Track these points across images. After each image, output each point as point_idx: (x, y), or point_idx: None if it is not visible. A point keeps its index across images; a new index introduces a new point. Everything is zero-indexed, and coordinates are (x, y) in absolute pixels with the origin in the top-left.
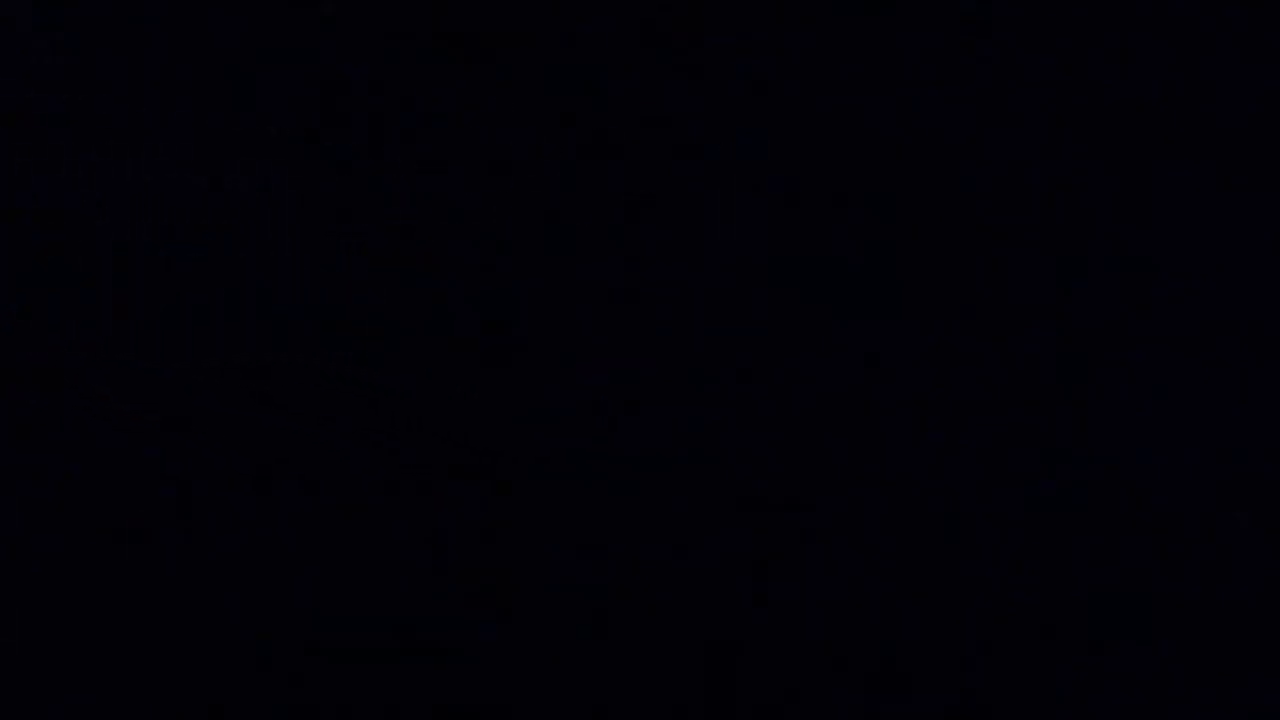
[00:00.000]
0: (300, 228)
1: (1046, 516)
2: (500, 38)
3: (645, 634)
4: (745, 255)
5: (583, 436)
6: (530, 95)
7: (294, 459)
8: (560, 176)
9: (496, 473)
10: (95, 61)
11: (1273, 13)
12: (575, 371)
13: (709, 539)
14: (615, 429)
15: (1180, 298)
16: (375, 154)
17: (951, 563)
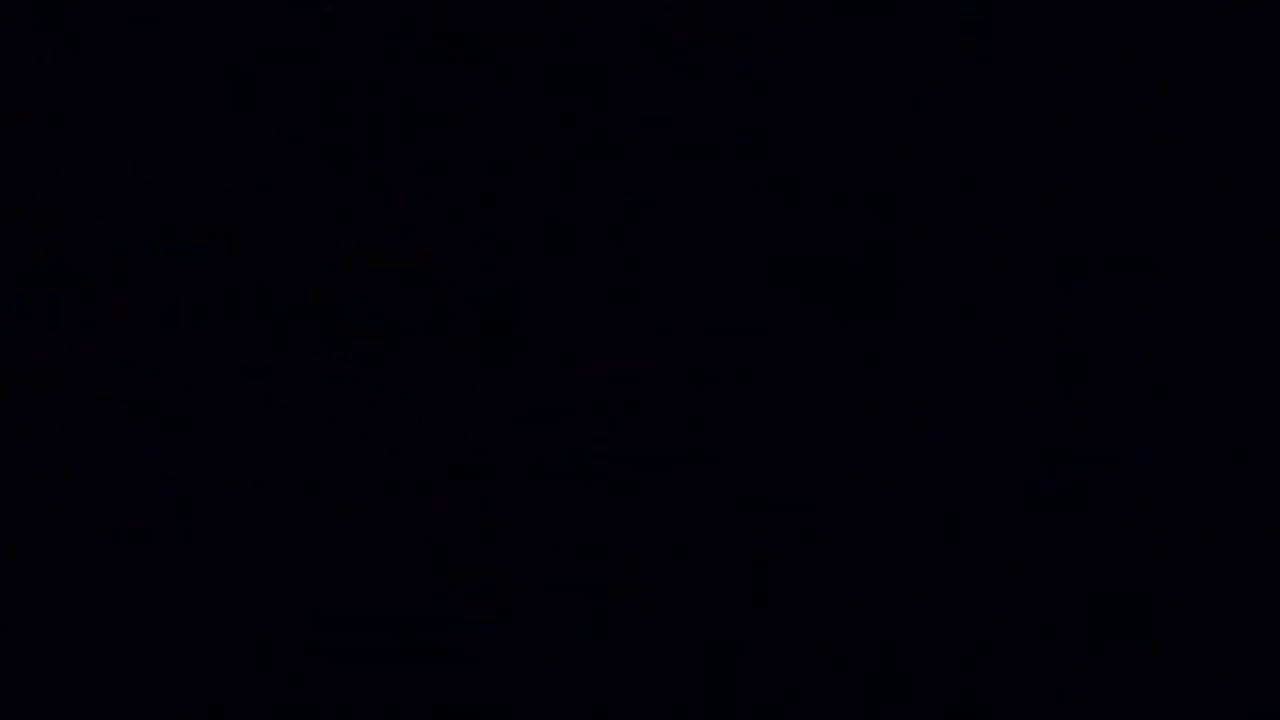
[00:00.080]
0: (300, 228)
1: (1046, 516)
2: (500, 38)
3: (645, 634)
4: (745, 255)
5: (583, 436)
6: (530, 95)
7: (294, 459)
8: (560, 176)
9: (496, 473)
10: (95, 61)
11: (1273, 13)
12: (575, 371)
13: (709, 539)
14: (615, 429)
15: (1180, 298)
16: (375, 154)
17: (951, 563)
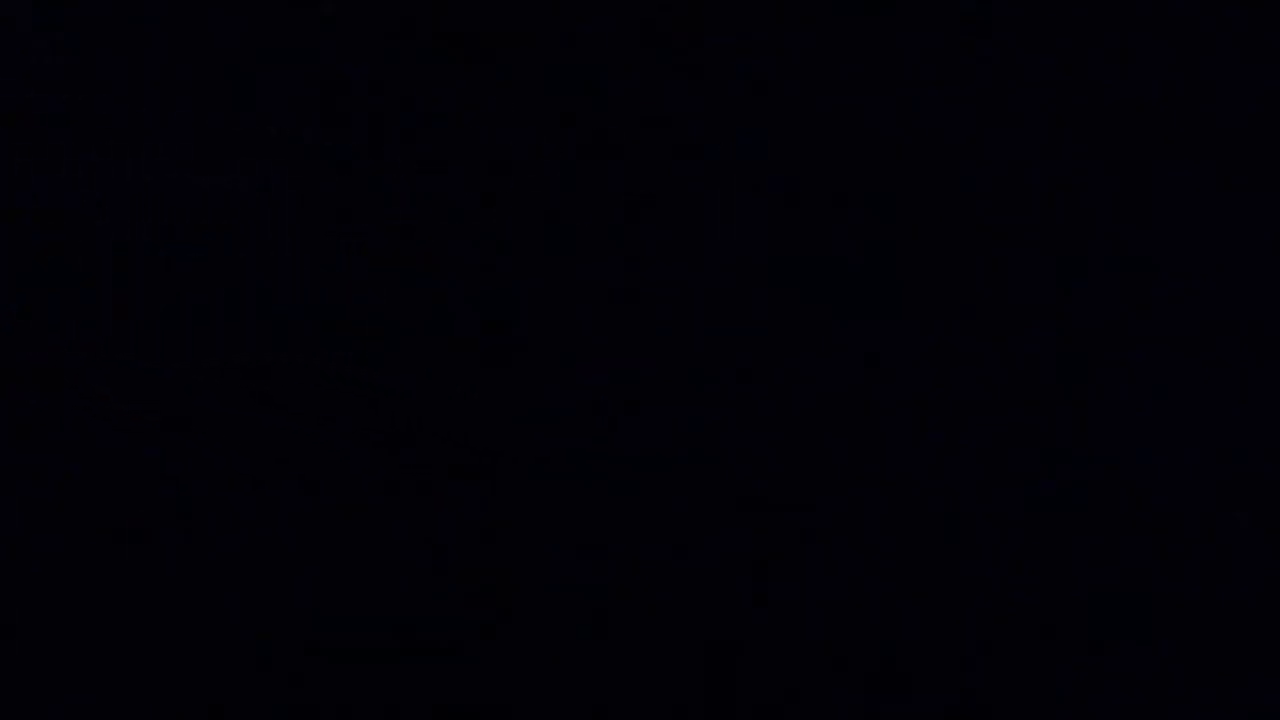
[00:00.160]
0: (300, 228)
1: (1046, 516)
2: (500, 38)
3: (645, 634)
4: (745, 255)
5: (583, 436)
6: (530, 95)
7: (294, 459)
8: (560, 176)
9: (496, 473)
10: (95, 61)
11: (1273, 13)
12: (575, 371)
13: (709, 539)
14: (615, 429)
15: (1180, 298)
16: (375, 154)
17: (951, 563)
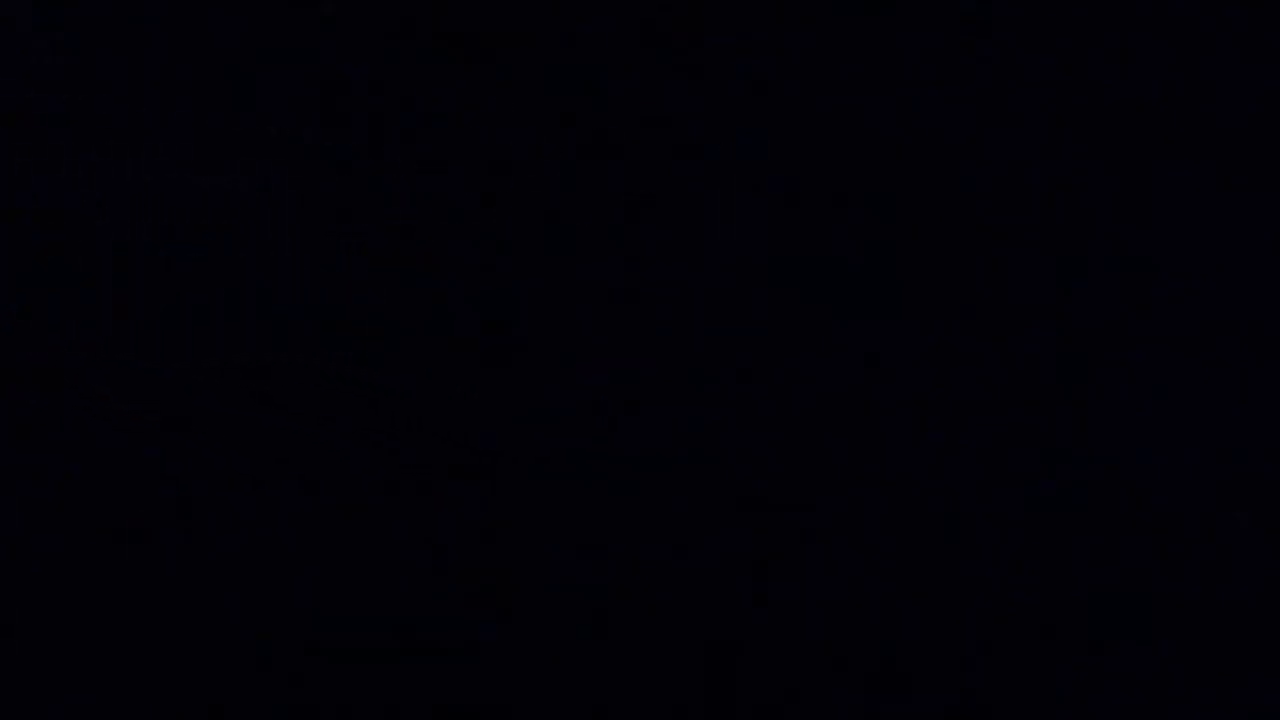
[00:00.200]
0: (300, 228)
1: (1046, 516)
2: (500, 38)
3: (645, 634)
4: (745, 255)
5: (583, 436)
6: (530, 95)
7: (294, 459)
8: (560, 176)
9: (496, 473)
10: (95, 61)
11: (1273, 13)
12: (575, 371)
13: (709, 539)
14: (615, 429)
15: (1180, 298)
16: (375, 154)
17: (951, 563)
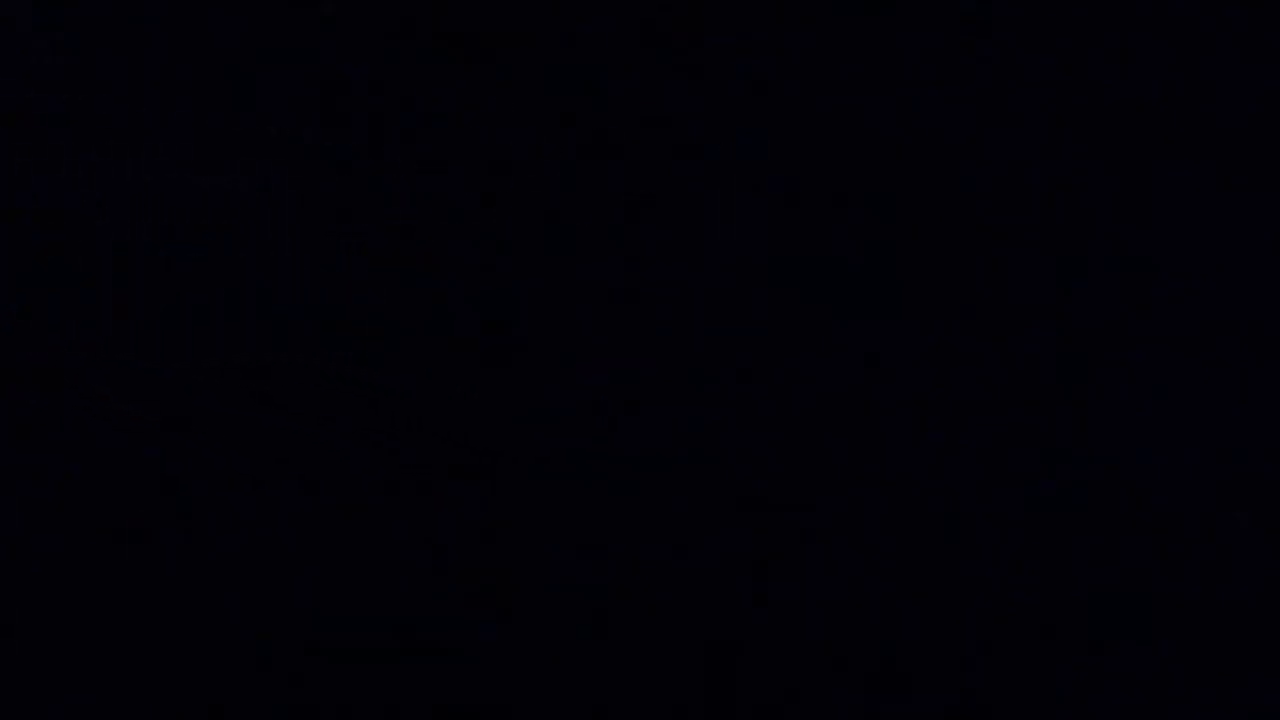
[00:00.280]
0: (300, 228)
1: (1046, 516)
2: (500, 38)
3: (645, 634)
4: (745, 255)
5: (583, 436)
6: (530, 95)
7: (294, 459)
8: (560, 176)
9: (496, 473)
10: (95, 61)
11: (1273, 13)
12: (575, 371)
13: (709, 539)
14: (615, 429)
15: (1180, 298)
16: (375, 154)
17: (951, 563)
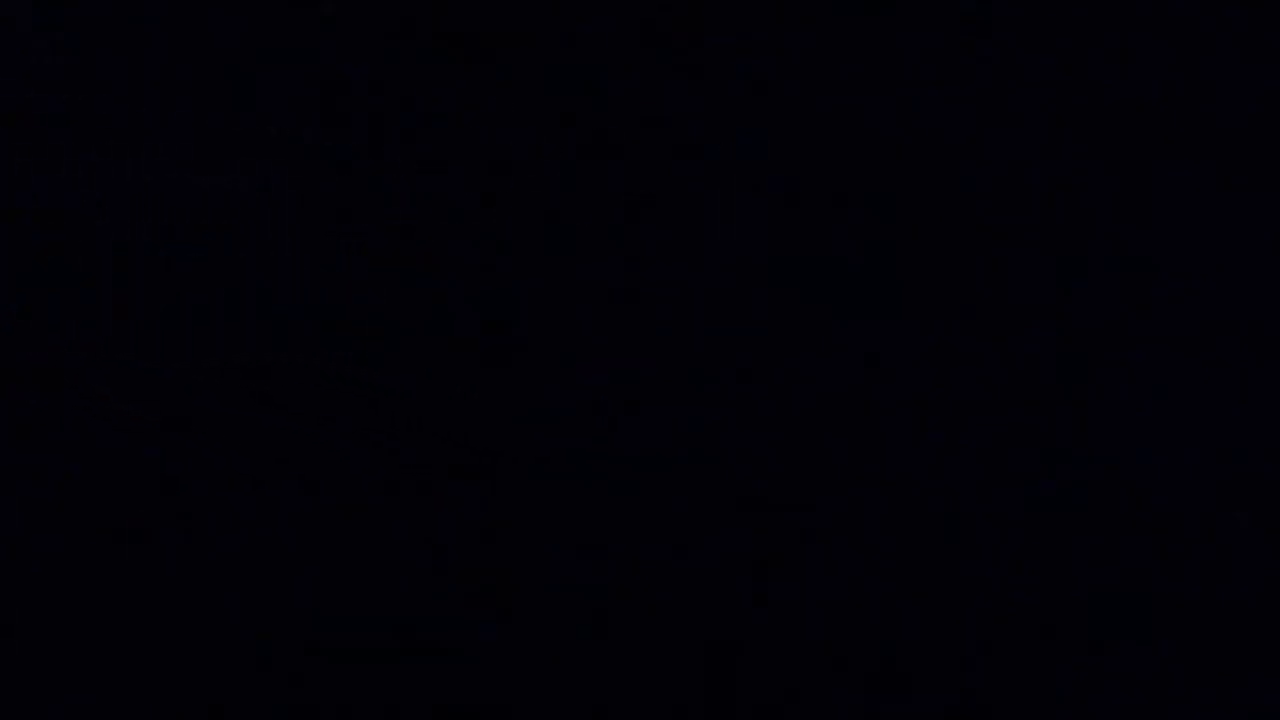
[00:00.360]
0: (300, 228)
1: (1046, 516)
2: (500, 38)
3: (645, 634)
4: (745, 255)
5: (583, 436)
6: (530, 95)
7: (294, 459)
8: (560, 176)
9: (496, 473)
10: (95, 61)
11: (1273, 13)
12: (575, 371)
13: (709, 539)
14: (615, 429)
15: (1180, 298)
16: (375, 154)
17: (951, 563)
